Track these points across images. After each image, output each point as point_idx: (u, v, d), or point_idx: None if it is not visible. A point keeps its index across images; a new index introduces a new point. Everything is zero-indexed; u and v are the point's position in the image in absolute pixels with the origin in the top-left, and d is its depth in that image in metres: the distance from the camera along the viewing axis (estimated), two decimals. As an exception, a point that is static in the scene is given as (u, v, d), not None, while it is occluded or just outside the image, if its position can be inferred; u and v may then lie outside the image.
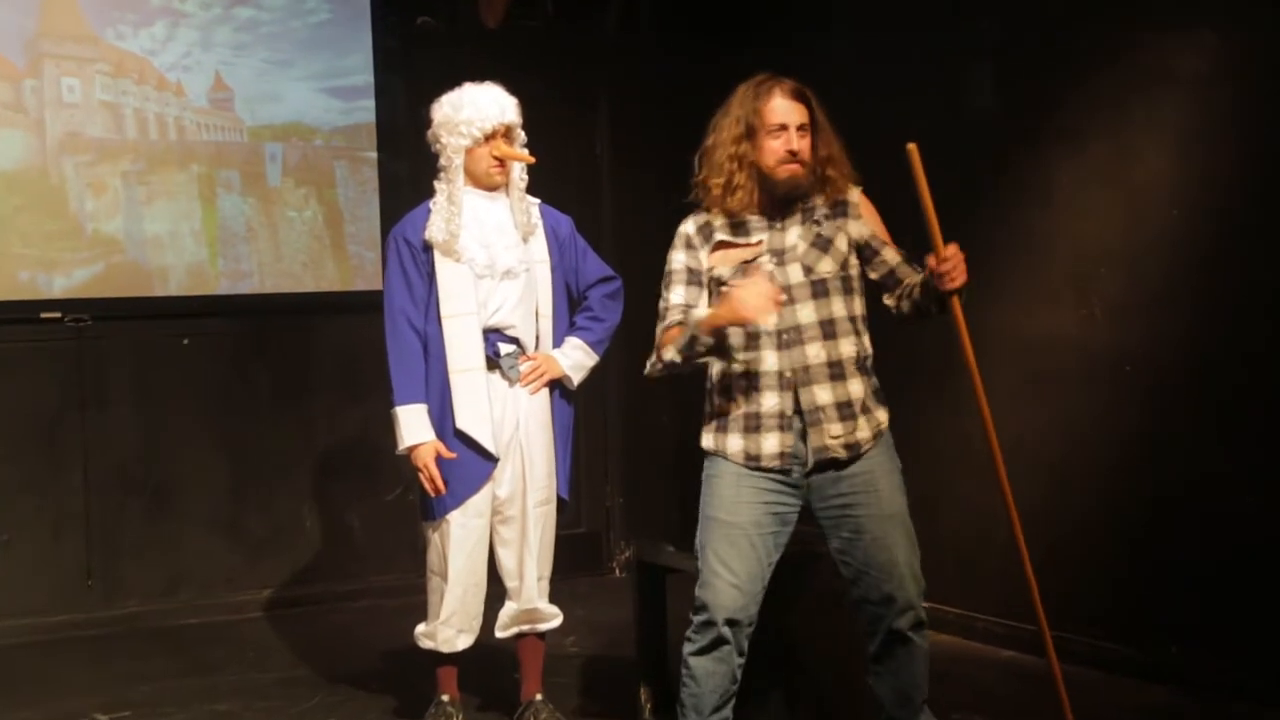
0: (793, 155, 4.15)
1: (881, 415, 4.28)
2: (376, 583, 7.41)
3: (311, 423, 7.43)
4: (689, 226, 4.32)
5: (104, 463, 6.98)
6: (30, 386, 6.88)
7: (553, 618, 5.15)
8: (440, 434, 4.88)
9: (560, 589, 5.23)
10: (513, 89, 4.99)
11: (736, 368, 4.20)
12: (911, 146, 3.92)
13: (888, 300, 4.28)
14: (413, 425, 4.88)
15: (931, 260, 3.99)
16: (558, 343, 5.10)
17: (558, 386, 5.09)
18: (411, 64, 7.46)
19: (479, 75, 5.01)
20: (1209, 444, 5.47)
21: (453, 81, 5.01)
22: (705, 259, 4.27)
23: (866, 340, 4.29)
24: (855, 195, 4.30)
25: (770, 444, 4.20)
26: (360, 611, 7.20)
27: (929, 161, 3.94)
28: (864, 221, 4.28)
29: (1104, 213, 5.80)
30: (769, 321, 4.12)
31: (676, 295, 4.27)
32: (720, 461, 4.26)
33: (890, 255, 4.27)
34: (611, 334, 5.22)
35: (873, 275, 4.29)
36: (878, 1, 6.72)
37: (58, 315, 6.85)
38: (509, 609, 5.11)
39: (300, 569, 7.37)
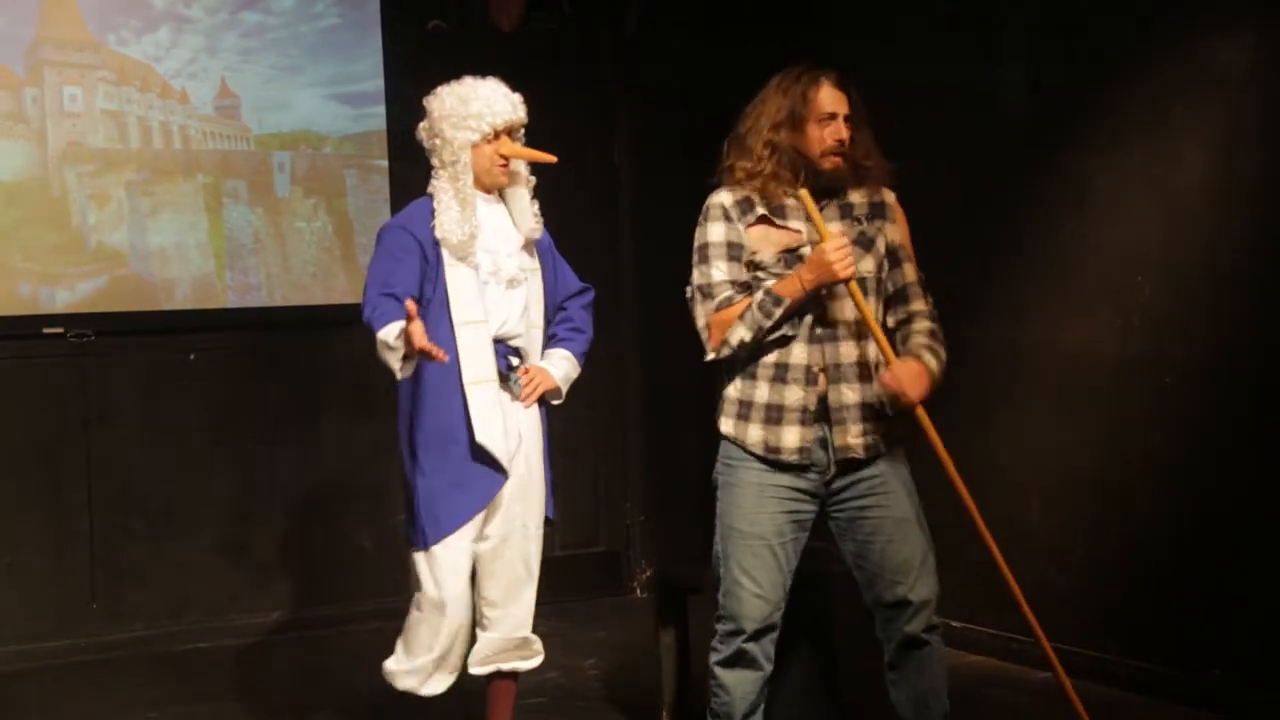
0: (841, 144, 4.12)
1: (898, 422, 4.22)
2: (388, 605, 7.18)
3: (322, 439, 7.30)
4: (724, 198, 4.21)
5: (108, 482, 6.86)
6: (32, 404, 6.76)
7: (537, 655, 4.84)
8: (449, 444, 4.56)
9: (579, 609, 5.15)
10: (527, 94, 4.77)
11: (785, 330, 4.11)
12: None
13: (889, 320, 4.24)
14: (390, 326, 4.32)
15: (885, 377, 4.07)
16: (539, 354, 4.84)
17: (541, 400, 4.82)
18: (422, 69, 7.26)
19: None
20: (1251, 459, 5.34)
21: (467, 87, 4.86)
22: (745, 235, 4.16)
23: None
24: (891, 198, 4.29)
25: (790, 437, 4.14)
26: (372, 634, 6.98)
27: (960, 165, 3.84)
28: (897, 227, 4.27)
29: (1141, 219, 5.69)
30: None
31: (719, 271, 4.17)
32: (739, 468, 4.21)
33: (910, 272, 4.25)
34: (589, 346, 4.97)
35: (888, 284, 4.25)
36: (907, 2, 6.60)
37: (60, 331, 6.72)
38: (490, 641, 4.77)
39: (310, 591, 7.25)
